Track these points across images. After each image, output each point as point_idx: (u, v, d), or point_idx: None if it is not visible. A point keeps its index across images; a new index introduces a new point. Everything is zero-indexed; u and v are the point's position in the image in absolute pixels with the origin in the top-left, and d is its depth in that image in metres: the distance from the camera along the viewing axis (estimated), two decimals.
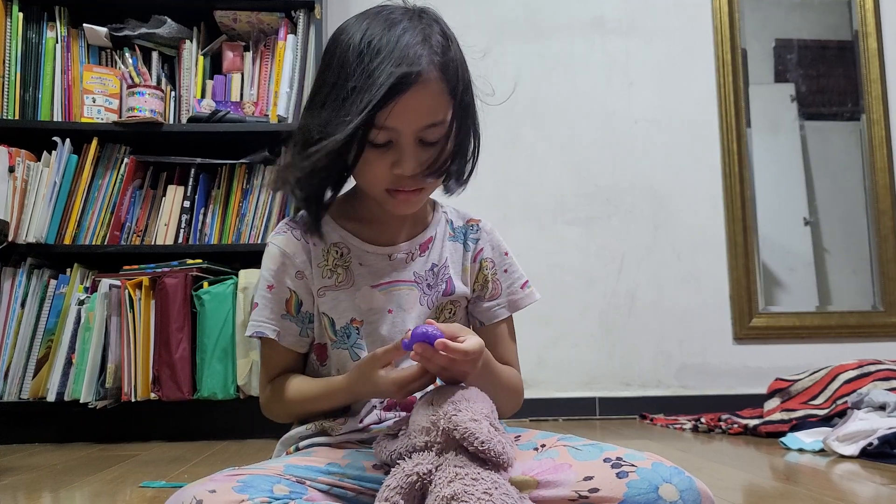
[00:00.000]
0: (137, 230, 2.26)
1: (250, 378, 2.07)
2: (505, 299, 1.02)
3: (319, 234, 0.97)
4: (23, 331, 2.17)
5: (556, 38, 2.76)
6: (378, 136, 0.87)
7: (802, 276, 2.82)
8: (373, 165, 0.90)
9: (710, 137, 2.76)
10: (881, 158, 2.80)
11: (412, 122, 0.87)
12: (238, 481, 0.74)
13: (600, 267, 2.67)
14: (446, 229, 1.03)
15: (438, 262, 1.00)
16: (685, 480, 0.76)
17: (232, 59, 2.38)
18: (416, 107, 0.87)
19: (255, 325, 0.96)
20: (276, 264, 0.96)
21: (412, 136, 0.88)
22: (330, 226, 0.98)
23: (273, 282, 0.96)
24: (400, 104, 0.85)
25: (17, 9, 2.31)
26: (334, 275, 0.96)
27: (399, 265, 0.98)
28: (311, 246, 0.97)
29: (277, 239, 0.97)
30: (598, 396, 2.59)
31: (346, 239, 0.97)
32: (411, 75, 0.85)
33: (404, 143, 0.88)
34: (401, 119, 0.86)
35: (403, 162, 0.88)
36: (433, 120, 0.88)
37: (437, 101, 0.88)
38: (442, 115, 0.89)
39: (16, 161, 2.18)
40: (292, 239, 0.97)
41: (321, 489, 0.80)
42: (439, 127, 0.89)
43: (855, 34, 2.88)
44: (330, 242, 0.97)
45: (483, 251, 1.03)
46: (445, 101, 0.89)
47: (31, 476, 1.55)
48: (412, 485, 0.71)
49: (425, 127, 0.88)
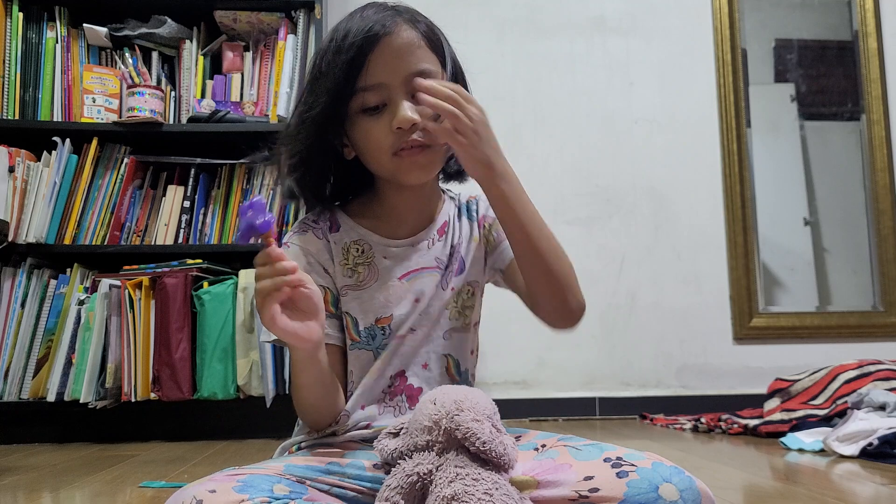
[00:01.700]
0: (137, 230, 2.26)
1: (250, 378, 2.08)
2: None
3: (335, 223, 0.97)
4: (23, 331, 2.17)
5: (557, 38, 2.76)
6: (367, 98, 0.89)
7: (802, 276, 2.82)
8: (372, 132, 0.90)
9: (710, 137, 2.76)
10: (881, 158, 2.80)
11: (394, 70, 0.88)
12: (238, 481, 0.74)
13: (600, 267, 2.67)
14: (455, 211, 1.04)
15: (455, 241, 1.01)
16: (685, 480, 0.75)
17: (232, 59, 2.38)
18: (393, 55, 0.88)
19: None
20: (301, 265, 0.91)
21: (401, 89, 0.88)
22: (348, 224, 0.98)
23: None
24: (374, 58, 0.87)
25: (17, 9, 2.31)
26: (355, 274, 0.96)
27: (423, 252, 0.98)
28: (332, 244, 0.96)
29: (299, 238, 0.97)
30: (598, 396, 2.59)
31: (366, 236, 0.97)
32: (378, 32, 0.87)
33: (395, 96, 0.88)
34: (381, 71, 0.88)
35: (397, 112, 0.88)
36: (418, 67, 0.89)
37: (417, 50, 0.89)
38: (428, 65, 0.90)
39: (16, 161, 2.18)
40: (314, 238, 0.96)
41: (321, 489, 0.80)
42: (428, 77, 0.89)
43: (855, 34, 2.88)
44: (350, 240, 0.97)
45: (485, 215, 1.04)
46: (427, 52, 0.90)
47: (31, 476, 1.54)
48: (413, 484, 0.71)
49: (412, 74, 0.88)
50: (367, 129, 0.90)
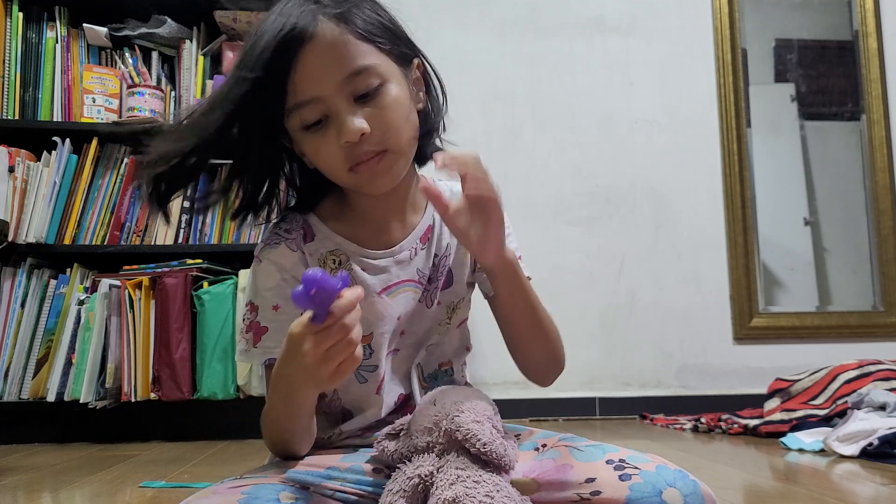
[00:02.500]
0: (137, 230, 2.26)
1: (250, 378, 2.07)
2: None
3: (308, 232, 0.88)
4: (23, 331, 2.16)
5: (557, 38, 2.76)
6: (305, 115, 0.79)
7: (802, 276, 2.82)
8: (321, 149, 0.80)
9: (710, 137, 2.76)
10: (881, 158, 2.80)
11: (326, 80, 0.77)
12: (243, 493, 0.72)
13: (601, 267, 2.67)
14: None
15: (440, 251, 0.92)
16: (689, 484, 0.74)
17: (232, 58, 2.38)
18: (319, 63, 0.77)
19: (267, 350, 0.84)
20: (274, 281, 0.86)
21: (339, 96, 0.78)
22: (322, 232, 0.89)
23: (278, 301, 0.85)
24: (300, 69, 0.76)
25: (17, 9, 2.31)
26: None
27: (404, 263, 0.90)
28: (308, 256, 0.87)
29: (271, 253, 0.87)
30: (598, 396, 2.59)
31: (343, 246, 0.88)
32: (293, 32, 0.76)
33: (335, 108, 0.78)
34: (310, 86, 0.77)
35: (342, 126, 0.78)
36: (351, 68, 0.78)
37: (345, 47, 0.78)
38: (363, 61, 0.79)
39: (16, 161, 2.18)
40: (287, 250, 0.87)
41: (325, 494, 0.78)
42: (367, 74, 0.79)
43: (855, 34, 2.88)
44: (325, 250, 0.88)
45: None
46: (358, 45, 0.79)
47: (31, 476, 1.54)
48: (414, 487, 0.71)
49: (346, 78, 0.78)
50: (314, 146, 0.81)
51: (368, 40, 0.80)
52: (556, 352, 0.92)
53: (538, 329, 0.89)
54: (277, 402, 0.78)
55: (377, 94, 0.79)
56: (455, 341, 0.97)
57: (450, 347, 0.97)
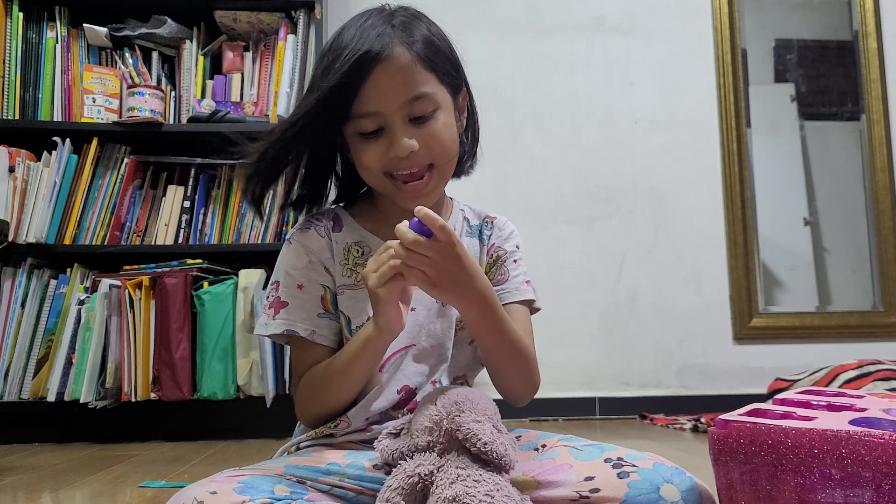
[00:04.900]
0: (137, 230, 2.26)
1: (250, 378, 2.07)
2: (512, 285, 1.01)
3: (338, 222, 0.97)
4: (23, 331, 2.16)
5: (557, 38, 2.76)
6: (363, 124, 0.88)
7: (802, 276, 2.82)
8: (365, 152, 0.90)
9: (710, 137, 2.76)
10: (881, 158, 2.80)
11: (390, 99, 0.87)
12: (239, 482, 0.74)
13: (600, 267, 2.67)
14: (463, 226, 1.03)
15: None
16: (686, 481, 0.76)
17: (232, 59, 2.38)
18: (387, 83, 0.87)
19: (286, 322, 0.92)
20: (302, 262, 0.95)
21: (398, 115, 0.88)
22: (351, 225, 0.98)
23: (303, 280, 0.94)
24: (369, 87, 0.86)
25: (17, 9, 2.31)
26: (354, 274, 0.95)
27: None
28: (334, 244, 0.96)
29: (301, 236, 0.96)
30: (598, 396, 2.59)
31: (367, 238, 0.97)
32: (371, 59, 0.85)
33: (392, 124, 0.88)
34: (376, 100, 0.87)
35: (395, 141, 0.88)
36: (413, 93, 0.88)
37: (411, 73, 0.88)
38: (425, 88, 0.89)
39: (16, 161, 2.18)
40: (316, 235, 0.96)
41: (322, 489, 0.79)
42: (426, 100, 0.89)
43: (855, 34, 2.88)
44: (351, 241, 0.97)
45: (496, 243, 1.03)
46: (423, 73, 0.89)
47: (31, 476, 1.54)
48: (413, 485, 0.71)
49: (408, 101, 0.88)
50: (361, 149, 0.91)
51: (432, 70, 0.90)
52: (528, 376, 0.97)
53: (506, 354, 0.93)
54: (357, 358, 0.87)
55: (430, 118, 0.90)
56: (469, 356, 1.00)
57: (463, 360, 1.00)
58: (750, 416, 0.70)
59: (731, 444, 0.67)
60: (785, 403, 0.75)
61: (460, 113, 0.98)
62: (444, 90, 0.92)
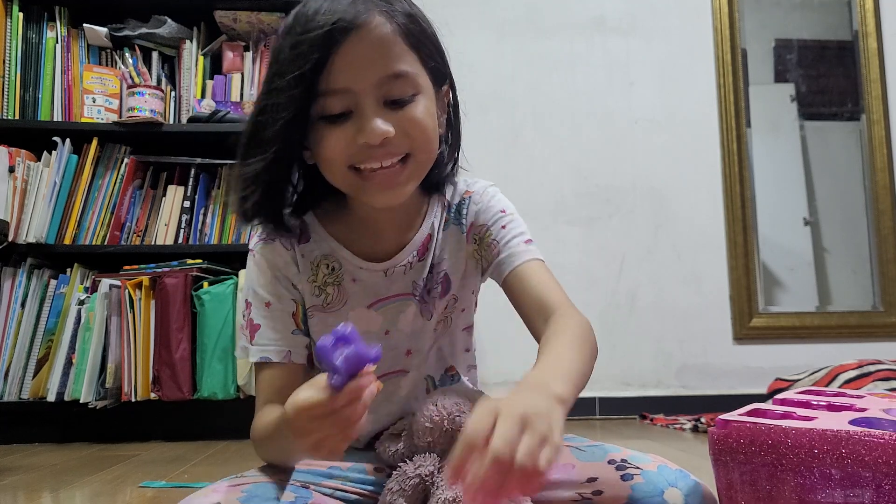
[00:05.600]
0: (137, 230, 2.26)
1: (250, 378, 2.07)
2: (511, 251, 0.89)
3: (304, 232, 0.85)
4: (23, 331, 2.16)
5: (557, 38, 2.76)
6: (329, 104, 0.74)
7: (802, 276, 2.82)
8: (329, 140, 0.75)
9: (710, 137, 2.76)
10: (881, 158, 2.80)
11: (364, 73, 0.73)
12: (242, 491, 0.73)
13: (600, 267, 2.67)
14: (443, 216, 0.89)
15: (437, 259, 0.88)
16: (690, 484, 0.75)
17: (232, 59, 2.38)
18: (363, 54, 0.72)
19: (260, 349, 0.83)
20: (266, 278, 0.84)
21: (371, 95, 0.73)
22: (318, 233, 0.86)
23: (270, 298, 0.84)
24: (340, 58, 0.72)
25: (17, 9, 2.30)
26: (323, 293, 0.85)
27: (397, 277, 0.86)
28: (300, 257, 0.85)
29: (264, 249, 0.85)
30: (598, 396, 2.59)
31: (337, 252, 0.85)
32: (345, 22, 0.71)
33: (363, 104, 0.73)
34: (347, 74, 0.72)
35: (365, 125, 0.73)
36: (392, 69, 0.74)
37: (391, 46, 0.74)
38: (405, 66, 0.75)
39: (16, 161, 2.18)
40: (280, 248, 0.85)
41: (325, 493, 0.79)
42: (405, 81, 0.75)
43: (855, 34, 2.88)
44: (320, 253, 0.85)
45: (474, 222, 0.89)
46: (404, 49, 0.75)
47: (31, 476, 1.54)
48: (414, 487, 0.71)
49: (384, 79, 0.74)
50: (323, 136, 0.76)
51: (416, 48, 0.76)
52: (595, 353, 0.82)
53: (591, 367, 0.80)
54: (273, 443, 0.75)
55: (409, 102, 0.76)
56: (459, 343, 0.93)
57: (452, 349, 0.92)
58: (750, 416, 0.70)
59: (731, 444, 0.67)
60: (785, 403, 0.75)
61: (442, 110, 0.84)
62: (426, 76, 0.78)
